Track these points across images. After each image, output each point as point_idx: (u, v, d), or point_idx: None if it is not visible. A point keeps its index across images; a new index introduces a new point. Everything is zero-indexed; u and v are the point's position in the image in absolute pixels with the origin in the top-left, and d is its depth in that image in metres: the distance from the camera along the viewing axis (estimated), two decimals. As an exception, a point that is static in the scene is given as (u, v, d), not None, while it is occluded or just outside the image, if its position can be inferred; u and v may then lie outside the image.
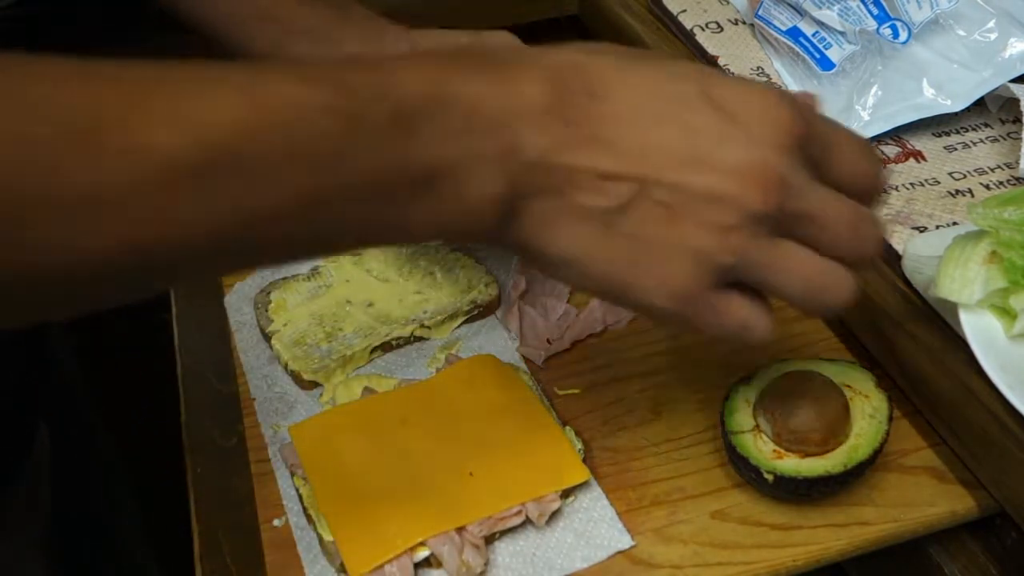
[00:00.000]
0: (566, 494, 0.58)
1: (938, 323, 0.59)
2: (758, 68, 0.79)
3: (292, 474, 0.60)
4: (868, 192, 0.45)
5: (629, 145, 0.41)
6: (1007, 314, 0.55)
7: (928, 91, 0.72)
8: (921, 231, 0.65)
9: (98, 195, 0.33)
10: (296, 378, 0.66)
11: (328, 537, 0.56)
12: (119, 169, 0.34)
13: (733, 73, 0.78)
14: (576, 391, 0.65)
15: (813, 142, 0.42)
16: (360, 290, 0.71)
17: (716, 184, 0.41)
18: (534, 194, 0.41)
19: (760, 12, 0.78)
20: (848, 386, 0.58)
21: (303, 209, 0.38)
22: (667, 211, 0.41)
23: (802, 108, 0.43)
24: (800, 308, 0.45)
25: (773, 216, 0.41)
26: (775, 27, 0.77)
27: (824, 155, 0.43)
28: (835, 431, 0.56)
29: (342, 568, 0.55)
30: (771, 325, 0.44)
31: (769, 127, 0.41)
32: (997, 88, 0.71)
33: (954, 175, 0.69)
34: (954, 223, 0.65)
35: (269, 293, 0.71)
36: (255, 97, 0.36)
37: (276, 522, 0.59)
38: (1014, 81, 0.71)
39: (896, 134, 0.72)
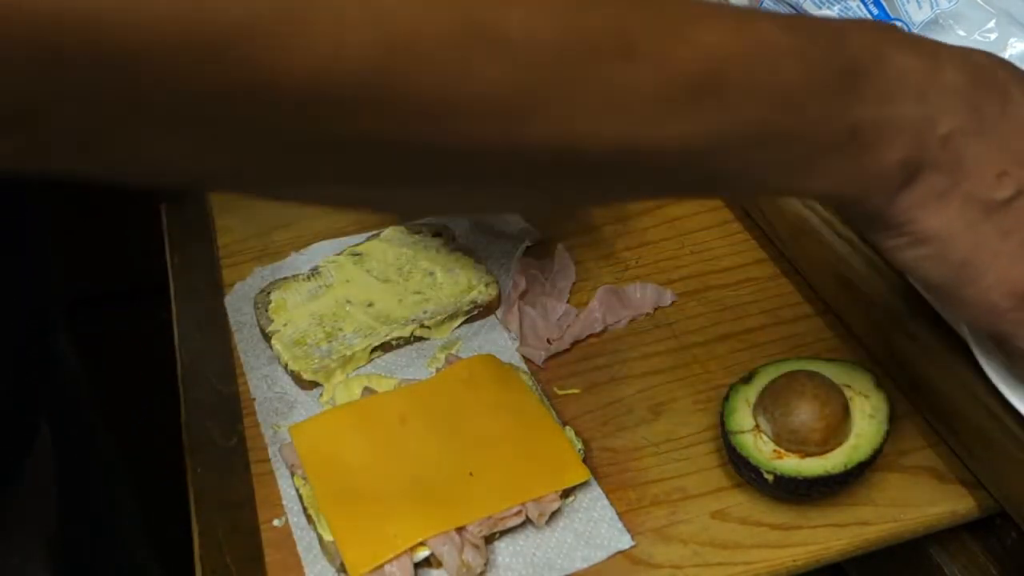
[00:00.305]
0: (566, 494, 0.59)
1: (938, 323, 0.59)
2: (758, 68, 0.79)
3: (292, 474, 0.60)
4: None
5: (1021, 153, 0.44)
6: None
7: (928, 91, 0.72)
8: (921, 231, 0.65)
9: (638, 91, 0.36)
10: (296, 378, 0.66)
11: (328, 537, 0.56)
12: (647, 75, 0.36)
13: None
14: (576, 391, 0.65)
15: None
16: (360, 290, 0.71)
17: None
18: (931, 168, 0.43)
19: (760, 12, 0.78)
20: (848, 386, 0.58)
21: (752, 142, 0.40)
22: None
23: None
24: None
25: None
26: (775, 27, 0.77)
27: None
28: (835, 431, 0.56)
29: (342, 568, 0.55)
30: None
31: None
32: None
33: (954, 175, 0.69)
34: (954, 223, 0.65)
35: (269, 293, 0.71)
36: (744, 32, 0.38)
37: (276, 522, 0.59)
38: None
39: (896, 134, 0.72)
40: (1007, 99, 0.44)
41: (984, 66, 0.45)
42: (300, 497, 0.59)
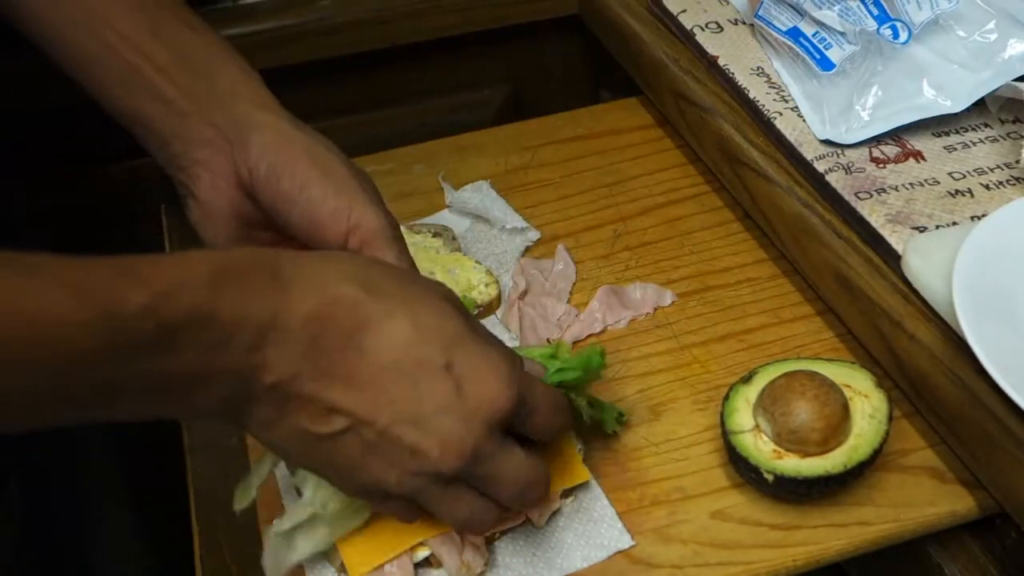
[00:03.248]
0: (566, 494, 0.58)
1: (938, 323, 0.59)
2: (758, 68, 0.79)
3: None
4: (549, 438, 0.55)
5: (361, 392, 0.46)
6: None
7: (928, 92, 0.72)
8: (921, 231, 0.65)
9: None
10: (296, 378, 0.66)
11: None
12: None
13: (733, 73, 0.78)
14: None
15: (521, 410, 0.50)
16: (360, 290, 0.71)
17: (420, 443, 0.47)
18: (261, 404, 0.46)
19: (760, 12, 0.78)
20: (848, 386, 0.58)
21: (72, 400, 0.42)
22: (368, 448, 0.47)
23: (523, 380, 0.50)
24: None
25: (455, 477, 0.49)
26: (775, 27, 0.77)
27: (523, 418, 0.51)
28: (835, 431, 0.56)
29: (342, 568, 0.55)
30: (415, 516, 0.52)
31: (487, 405, 0.48)
32: (1001, 88, 0.71)
33: (954, 175, 0.69)
34: (954, 223, 0.65)
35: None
36: (24, 311, 0.39)
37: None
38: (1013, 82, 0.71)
39: (896, 134, 0.72)
40: (351, 345, 0.46)
41: (341, 302, 0.46)
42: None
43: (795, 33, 0.76)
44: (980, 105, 0.73)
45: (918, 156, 0.71)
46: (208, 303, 0.43)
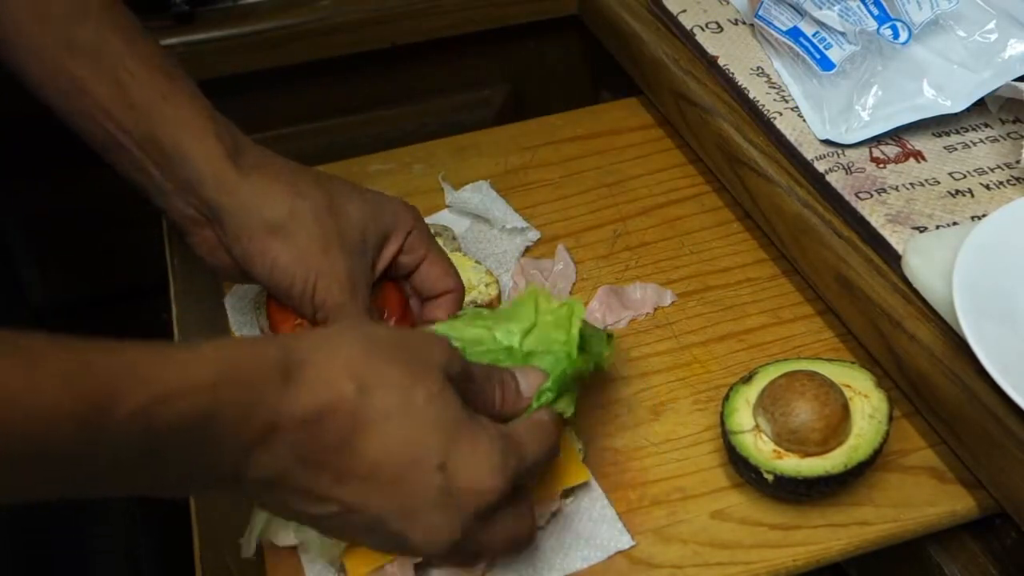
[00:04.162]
0: (566, 494, 0.58)
1: (938, 323, 0.59)
2: (758, 68, 0.79)
3: None
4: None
5: (355, 487, 0.47)
6: None
7: (928, 92, 0.72)
8: (921, 231, 0.65)
9: None
10: (296, 378, 0.66)
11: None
12: None
13: (733, 73, 0.78)
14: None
15: (515, 482, 0.49)
16: (360, 290, 0.71)
17: (406, 531, 0.48)
18: (248, 488, 0.47)
19: (760, 12, 0.78)
20: (848, 386, 0.58)
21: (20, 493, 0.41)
22: (357, 529, 0.49)
23: (515, 453, 0.50)
24: None
25: (447, 555, 0.49)
26: (775, 27, 0.77)
27: (522, 483, 0.51)
28: (835, 431, 0.56)
29: (342, 569, 0.55)
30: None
31: (474, 499, 0.48)
32: (1001, 88, 0.71)
33: (954, 175, 0.69)
34: (954, 223, 0.65)
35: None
36: (14, 396, 0.38)
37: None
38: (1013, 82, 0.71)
39: (896, 134, 0.72)
40: (346, 447, 0.46)
41: (338, 403, 0.46)
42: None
43: (795, 33, 0.76)
44: (980, 105, 0.73)
45: (918, 156, 0.71)
46: (209, 407, 0.42)
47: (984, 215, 0.64)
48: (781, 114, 0.74)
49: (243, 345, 0.49)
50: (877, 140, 0.72)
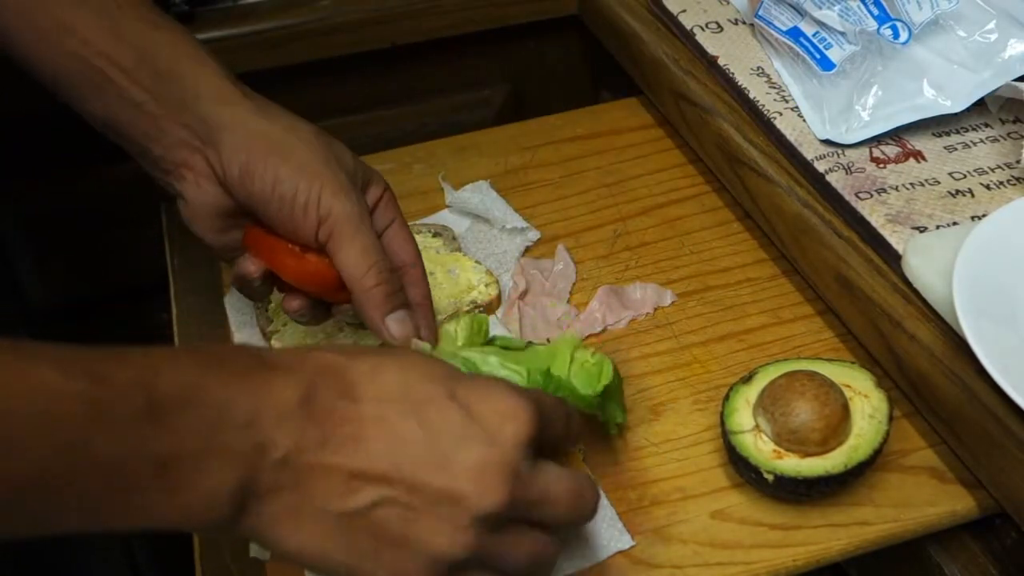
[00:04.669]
0: (566, 494, 0.58)
1: (938, 323, 0.59)
2: (758, 68, 0.79)
3: None
4: (572, 444, 0.54)
5: (373, 446, 0.44)
6: None
7: (928, 92, 0.72)
8: (921, 231, 0.65)
9: None
10: (296, 378, 0.66)
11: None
12: None
13: (733, 73, 0.78)
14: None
15: (546, 430, 0.47)
16: (360, 290, 0.71)
17: (454, 484, 0.44)
18: (274, 491, 0.43)
19: (760, 12, 0.78)
20: (848, 386, 0.58)
21: (44, 488, 0.38)
22: (406, 510, 0.44)
23: (536, 403, 0.47)
24: None
25: (508, 511, 0.45)
26: (775, 27, 0.77)
27: (547, 434, 0.48)
28: (835, 431, 0.56)
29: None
30: None
31: (507, 424, 0.45)
32: (1001, 88, 0.71)
33: (954, 175, 0.69)
34: (954, 223, 0.65)
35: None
36: (10, 382, 0.38)
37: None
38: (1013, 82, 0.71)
39: (896, 134, 0.72)
40: (347, 398, 0.44)
41: (325, 368, 0.45)
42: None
43: (795, 33, 0.76)
44: (980, 105, 0.73)
45: (918, 156, 0.71)
46: (197, 384, 0.41)
47: (984, 215, 0.64)
48: (781, 114, 0.74)
49: (219, 346, 0.48)
50: (877, 140, 0.72)
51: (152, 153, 0.59)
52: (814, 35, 0.75)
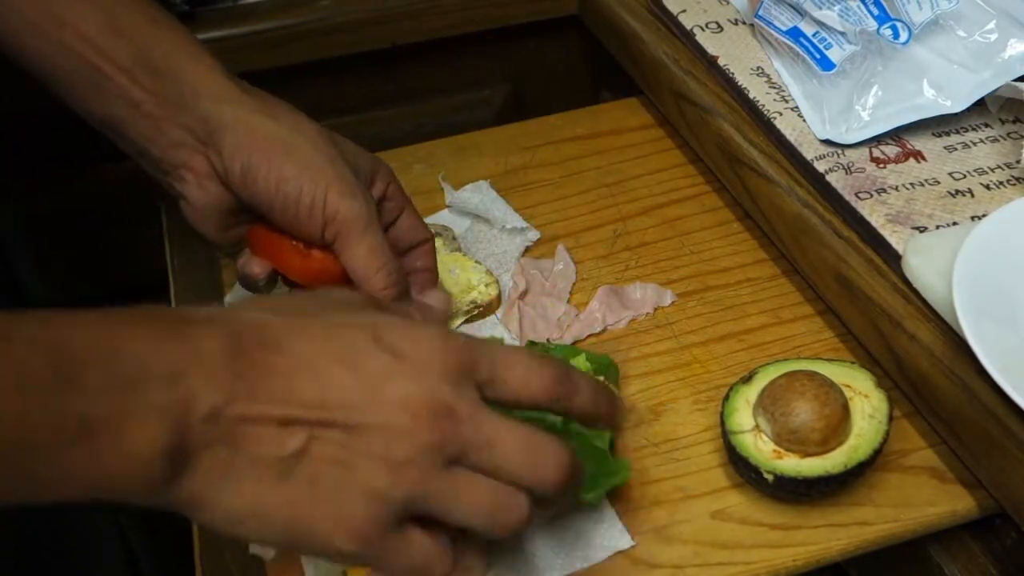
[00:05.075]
0: (566, 494, 0.58)
1: (938, 323, 0.59)
2: (758, 68, 0.79)
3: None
4: (548, 400, 0.47)
5: (303, 391, 0.43)
6: None
7: (928, 92, 0.72)
8: (921, 231, 0.65)
9: None
10: (296, 378, 0.66)
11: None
12: None
13: (733, 73, 0.78)
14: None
15: (480, 366, 0.45)
16: (360, 290, 0.71)
17: (387, 419, 0.43)
18: (205, 447, 0.41)
19: (760, 12, 0.78)
20: (848, 386, 0.58)
21: None
22: (342, 451, 0.42)
23: (469, 340, 0.46)
24: (481, 535, 0.46)
25: (444, 445, 0.43)
26: (775, 27, 0.77)
27: (493, 374, 0.46)
28: (835, 431, 0.56)
29: (343, 569, 0.55)
30: (450, 564, 0.46)
31: (434, 358, 0.44)
32: (1001, 88, 0.71)
33: (954, 175, 0.69)
34: (954, 223, 0.65)
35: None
36: None
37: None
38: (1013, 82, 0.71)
39: (896, 134, 0.72)
40: (271, 349, 0.43)
41: (247, 322, 0.44)
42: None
43: (795, 33, 0.76)
44: (980, 105, 0.73)
45: (918, 156, 0.71)
46: (108, 340, 0.40)
47: (984, 215, 0.64)
48: (781, 114, 0.74)
49: (134, 307, 0.44)
50: (877, 140, 0.72)
51: (151, 154, 0.59)
52: (814, 35, 0.75)
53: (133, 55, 0.57)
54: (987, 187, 0.68)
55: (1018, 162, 0.69)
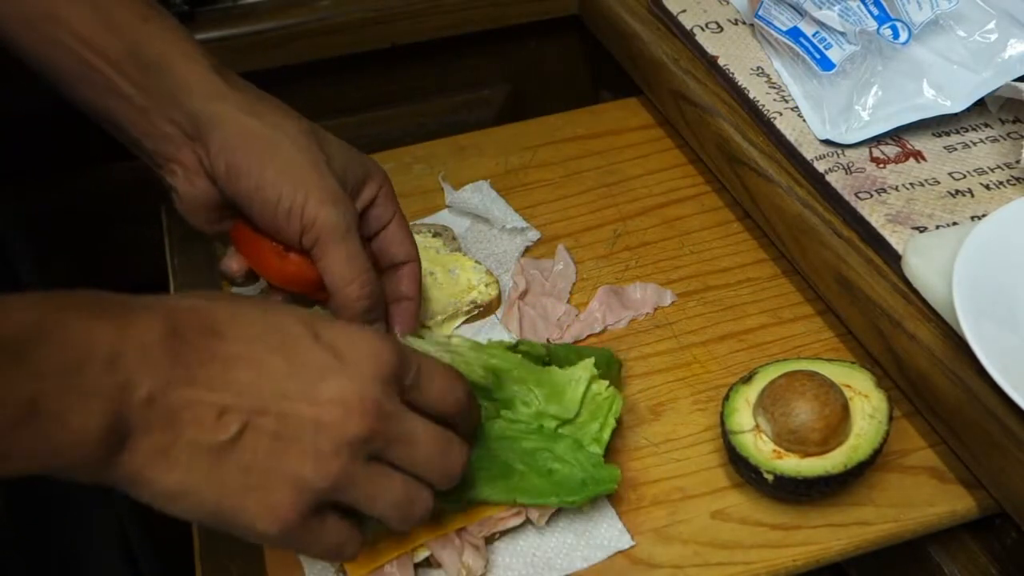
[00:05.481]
0: (566, 494, 0.58)
1: (938, 323, 0.59)
2: (758, 68, 0.79)
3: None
4: (454, 414, 0.51)
5: (240, 379, 0.44)
6: None
7: (928, 92, 0.72)
8: (921, 231, 0.65)
9: None
10: (296, 378, 0.66)
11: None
12: None
13: (733, 73, 0.78)
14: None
15: (407, 372, 0.48)
16: (360, 290, 0.71)
17: (319, 413, 0.45)
18: (143, 429, 0.43)
19: (760, 12, 0.78)
20: (848, 386, 0.58)
21: None
22: (274, 441, 0.45)
23: (400, 346, 0.49)
24: (388, 525, 0.50)
25: (369, 440, 0.46)
26: (775, 27, 0.77)
27: (416, 382, 0.49)
28: (835, 431, 0.56)
29: (342, 568, 0.55)
30: (359, 546, 0.50)
31: (368, 360, 0.47)
32: (1001, 88, 0.71)
33: (954, 175, 0.69)
34: (954, 223, 0.65)
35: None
36: None
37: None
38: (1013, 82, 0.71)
39: (896, 134, 0.72)
40: (211, 335, 0.45)
41: (187, 308, 0.45)
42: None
43: (795, 33, 0.76)
44: (980, 105, 0.73)
45: (918, 156, 0.71)
46: (45, 322, 0.41)
47: (984, 215, 0.64)
48: (781, 114, 0.74)
49: (75, 291, 0.45)
50: (877, 140, 0.72)
51: (144, 146, 0.59)
52: (814, 35, 0.75)
53: (125, 51, 0.57)
54: (987, 187, 0.68)
55: (1018, 162, 0.69)
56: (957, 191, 0.68)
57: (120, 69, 0.57)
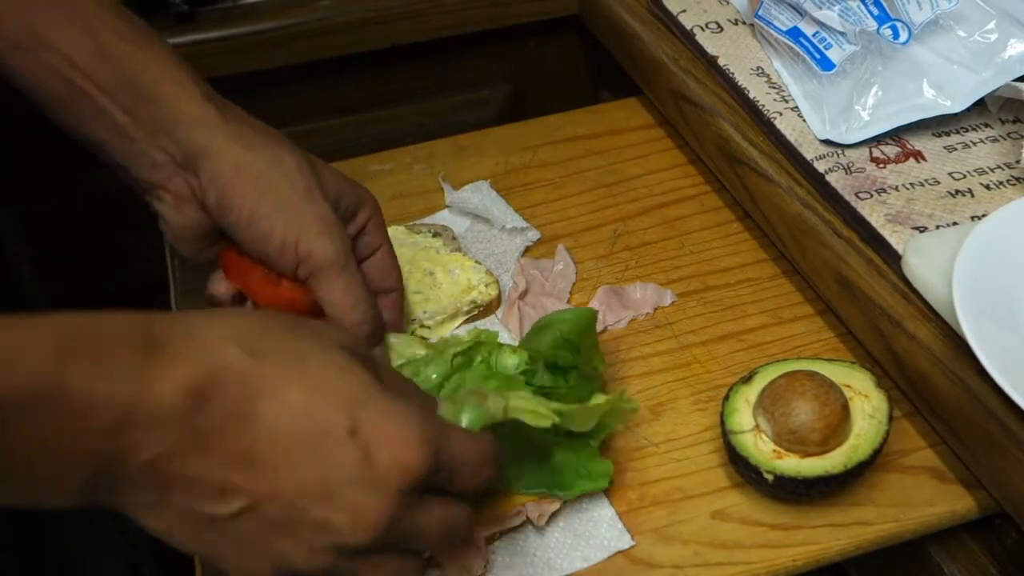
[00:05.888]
0: (566, 494, 0.58)
1: (938, 323, 0.59)
2: (758, 68, 0.79)
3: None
4: (480, 487, 0.49)
5: (257, 466, 0.42)
6: None
7: (928, 92, 0.72)
8: (921, 231, 0.65)
9: None
10: (296, 378, 0.66)
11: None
12: None
13: (733, 73, 0.78)
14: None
15: (438, 473, 0.46)
16: (360, 290, 0.71)
17: (330, 517, 0.43)
18: (135, 487, 0.41)
19: (760, 12, 0.78)
20: (848, 386, 0.58)
21: None
22: (272, 525, 0.43)
23: (441, 433, 0.46)
24: None
25: (369, 547, 0.44)
26: (775, 27, 0.77)
27: (451, 474, 0.47)
28: (835, 431, 0.56)
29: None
30: None
31: (397, 469, 0.44)
32: (1001, 88, 0.71)
33: (954, 175, 0.69)
34: (954, 223, 0.65)
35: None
36: None
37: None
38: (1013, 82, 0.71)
39: (896, 134, 0.72)
40: (239, 419, 0.42)
41: (223, 371, 0.42)
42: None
43: (795, 33, 0.76)
44: (980, 105, 0.73)
45: (918, 156, 0.71)
46: (52, 377, 0.38)
47: (984, 215, 0.64)
48: (781, 114, 0.74)
49: (95, 316, 0.41)
50: (877, 140, 0.72)
51: (131, 173, 0.59)
52: (814, 35, 0.75)
53: (117, 79, 0.57)
54: (987, 187, 0.68)
55: (1018, 162, 0.69)
56: (957, 191, 0.68)
57: (112, 96, 0.57)
